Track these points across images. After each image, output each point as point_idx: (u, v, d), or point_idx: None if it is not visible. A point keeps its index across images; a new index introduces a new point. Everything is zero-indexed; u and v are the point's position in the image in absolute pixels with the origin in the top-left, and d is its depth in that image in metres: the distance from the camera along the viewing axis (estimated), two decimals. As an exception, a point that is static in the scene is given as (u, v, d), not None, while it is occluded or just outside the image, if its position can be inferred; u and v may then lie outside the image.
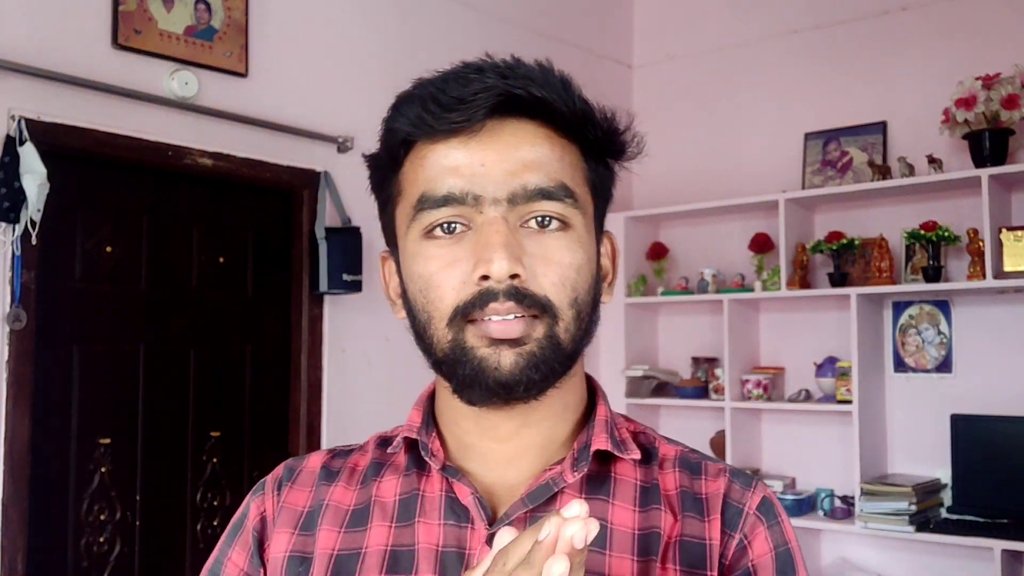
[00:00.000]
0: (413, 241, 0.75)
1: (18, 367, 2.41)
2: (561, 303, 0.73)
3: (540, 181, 0.72)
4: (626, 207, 4.25)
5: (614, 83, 4.37)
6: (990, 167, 3.24)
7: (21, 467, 2.39)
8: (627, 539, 0.74)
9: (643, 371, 4.02)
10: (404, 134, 0.75)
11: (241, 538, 0.81)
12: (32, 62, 2.45)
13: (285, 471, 0.84)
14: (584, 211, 0.76)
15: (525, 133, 0.73)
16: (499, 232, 0.70)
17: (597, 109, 0.77)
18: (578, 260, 0.74)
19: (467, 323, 0.72)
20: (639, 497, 0.77)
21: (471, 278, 0.71)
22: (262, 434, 3.03)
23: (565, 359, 0.74)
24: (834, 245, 3.57)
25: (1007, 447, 3.27)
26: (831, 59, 3.86)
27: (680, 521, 0.76)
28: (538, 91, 0.72)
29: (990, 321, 3.44)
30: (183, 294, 2.87)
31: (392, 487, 0.79)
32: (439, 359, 0.74)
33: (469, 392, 0.73)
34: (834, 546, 3.69)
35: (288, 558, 0.78)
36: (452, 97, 0.71)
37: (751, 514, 0.77)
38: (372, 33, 3.31)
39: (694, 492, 0.78)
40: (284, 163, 3.00)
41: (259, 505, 0.82)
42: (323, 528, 0.78)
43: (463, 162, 0.72)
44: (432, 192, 0.73)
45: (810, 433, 3.79)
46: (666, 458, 0.81)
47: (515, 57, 0.75)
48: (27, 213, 2.36)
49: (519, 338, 0.71)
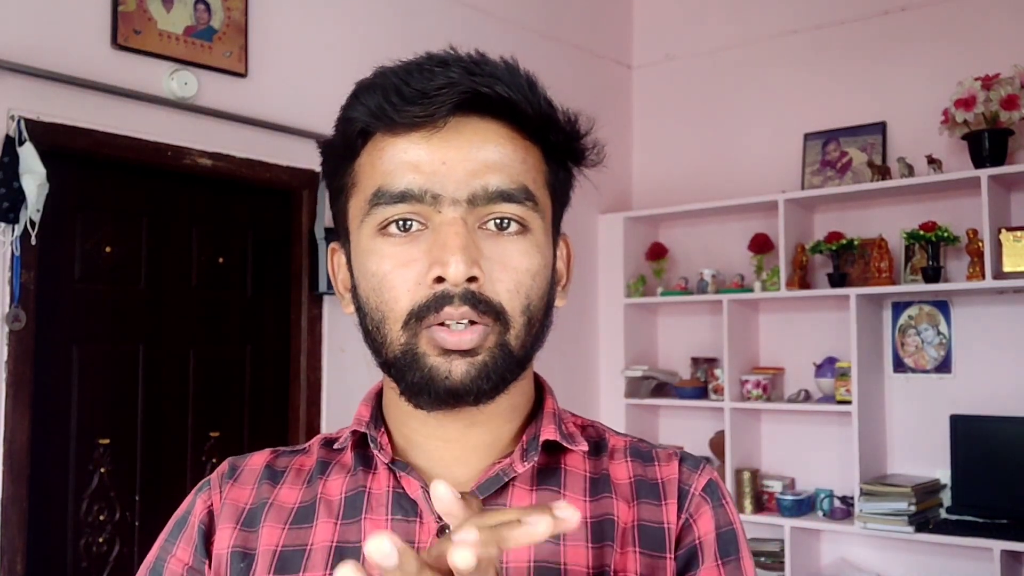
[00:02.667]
0: (367, 236, 0.73)
1: (17, 367, 2.41)
2: (514, 310, 0.71)
3: (501, 183, 0.71)
4: (626, 207, 4.25)
5: (613, 83, 4.37)
6: (989, 167, 3.25)
7: (20, 467, 2.39)
8: (580, 527, 0.74)
9: (642, 371, 4.02)
10: (363, 124, 0.73)
11: (185, 534, 0.79)
12: (32, 62, 2.45)
13: (228, 467, 0.82)
14: (543, 215, 0.74)
15: (488, 132, 0.72)
16: (458, 234, 0.69)
17: (560, 112, 0.76)
18: (535, 266, 0.73)
19: (421, 328, 0.70)
20: (589, 488, 0.77)
21: (425, 279, 0.69)
22: (262, 434, 3.03)
23: (515, 367, 0.73)
24: (833, 245, 3.57)
25: (1006, 447, 3.27)
26: (831, 59, 3.86)
27: (635, 507, 0.76)
28: (504, 90, 0.70)
29: (989, 321, 3.44)
30: (183, 294, 2.87)
31: (338, 485, 0.78)
32: (389, 361, 0.73)
33: (418, 398, 0.73)
34: (833, 546, 3.69)
35: (231, 553, 0.76)
36: (415, 90, 0.69)
37: (696, 494, 0.77)
38: (372, 33, 3.31)
39: (648, 479, 0.78)
40: (284, 163, 3.00)
41: (206, 499, 0.80)
42: (266, 525, 0.77)
43: (423, 159, 0.70)
44: (389, 187, 0.71)
45: (809, 433, 3.79)
46: (616, 448, 0.81)
47: (479, 52, 0.74)
48: (26, 213, 2.36)
49: (471, 349, 0.70)
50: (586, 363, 4.12)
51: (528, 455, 0.76)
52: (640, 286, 4.09)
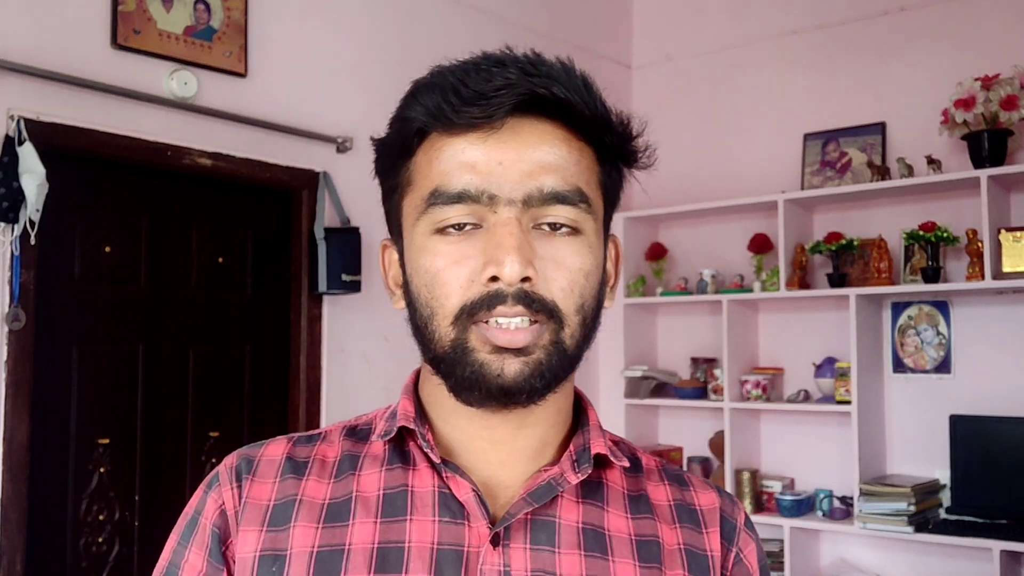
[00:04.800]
0: (421, 234, 0.73)
1: (17, 367, 2.41)
2: (568, 309, 0.72)
3: (556, 184, 0.71)
4: (625, 207, 4.23)
5: (613, 83, 4.37)
6: (989, 168, 3.25)
7: (20, 467, 2.39)
8: (626, 545, 0.75)
9: (642, 371, 4.02)
10: (420, 123, 0.72)
11: (197, 537, 0.76)
12: (31, 62, 2.45)
13: (242, 461, 0.79)
14: (596, 216, 0.75)
15: (544, 134, 0.72)
16: (512, 234, 0.69)
17: (615, 113, 0.76)
18: (588, 265, 0.73)
19: (471, 324, 0.70)
20: (629, 505, 0.77)
21: (480, 277, 0.70)
22: (261, 434, 3.03)
23: (568, 365, 0.74)
24: (833, 246, 3.57)
25: (1006, 448, 3.27)
26: (831, 60, 3.86)
27: (678, 531, 0.77)
28: (561, 92, 0.71)
29: (989, 322, 3.44)
30: (182, 294, 2.87)
31: (374, 481, 0.76)
32: (438, 356, 0.73)
33: (467, 394, 0.72)
34: (833, 547, 3.69)
35: (259, 557, 0.73)
36: (473, 91, 0.69)
37: (742, 529, 0.80)
38: (372, 33, 3.31)
39: (687, 504, 0.80)
40: (283, 163, 3.00)
41: (216, 499, 0.77)
42: (298, 525, 0.74)
43: (480, 159, 0.70)
44: (446, 187, 0.71)
45: (809, 434, 3.80)
46: (650, 469, 0.82)
47: (536, 52, 0.74)
48: (26, 213, 2.36)
49: (525, 347, 0.70)
50: (585, 363, 4.01)
51: (580, 466, 0.75)
52: (640, 286, 4.09)
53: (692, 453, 4.08)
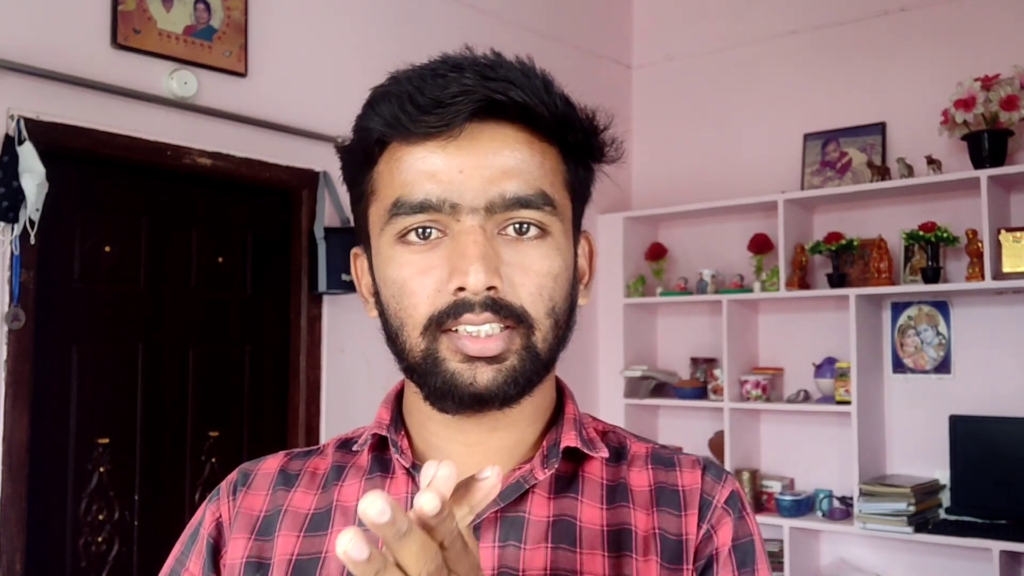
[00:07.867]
0: (387, 244, 0.73)
1: (17, 367, 2.41)
2: (538, 313, 0.72)
3: (519, 189, 0.70)
4: (625, 207, 4.25)
5: (613, 83, 4.37)
6: (989, 168, 3.25)
7: (19, 467, 2.39)
8: (596, 536, 0.74)
9: (642, 371, 4.02)
10: (378, 134, 0.72)
11: (196, 547, 0.79)
12: (31, 61, 2.45)
13: (240, 475, 0.82)
14: (562, 216, 0.74)
15: (504, 138, 0.71)
16: (476, 243, 0.69)
17: (579, 109, 0.75)
18: (556, 268, 0.73)
19: (441, 333, 0.71)
20: (606, 495, 0.77)
21: (446, 287, 0.70)
22: (261, 434, 3.03)
23: (542, 369, 0.74)
24: (833, 246, 3.57)
25: (1006, 448, 3.27)
26: (830, 60, 3.86)
27: (654, 515, 0.76)
28: (519, 95, 0.70)
29: (989, 322, 3.44)
30: (182, 294, 2.87)
31: (354, 490, 0.77)
32: (411, 366, 0.73)
33: (442, 402, 0.73)
34: (833, 547, 3.69)
35: (245, 564, 0.76)
36: (429, 99, 0.69)
37: (719, 506, 0.77)
38: (371, 33, 3.31)
39: (669, 485, 0.78)
40: (283, 163, 3.00)
41: (215, 511, 0.80)
42: (282, 533, 0.76)
43: (441, 167, 0.70)
44: (408, 197, 0.70)
45: (809, 434, 3.80)
46: (636, 456, 0.81)
47: (495, 52, 0.73)
48: (26, 213, 2.36)
49: (498, 355, 0.70)
50: (585, 363, 4.11)
51: (549, 462, 0.75)
52: (639, 286, 4.09)
53: (692, 453, 4.08)
